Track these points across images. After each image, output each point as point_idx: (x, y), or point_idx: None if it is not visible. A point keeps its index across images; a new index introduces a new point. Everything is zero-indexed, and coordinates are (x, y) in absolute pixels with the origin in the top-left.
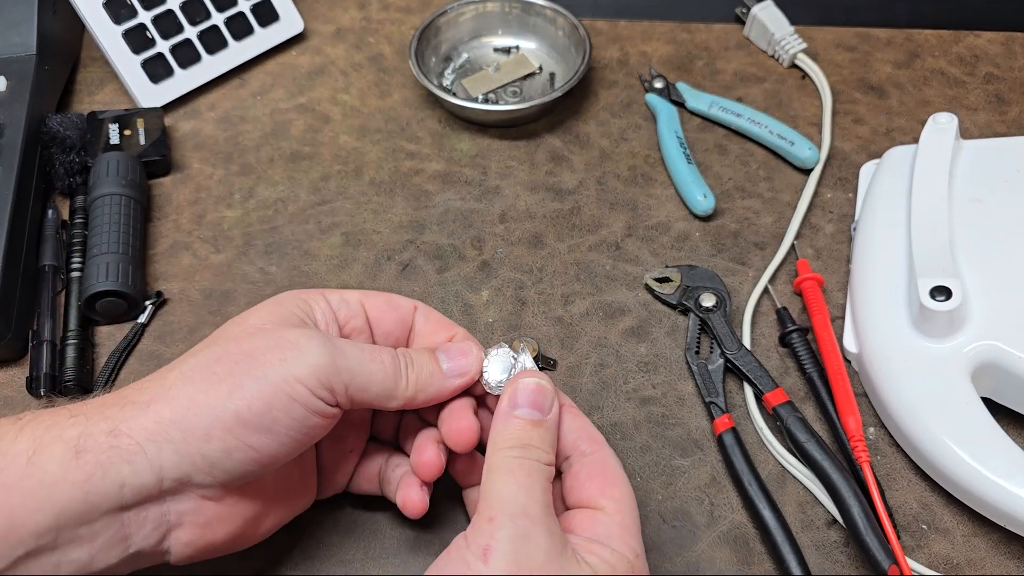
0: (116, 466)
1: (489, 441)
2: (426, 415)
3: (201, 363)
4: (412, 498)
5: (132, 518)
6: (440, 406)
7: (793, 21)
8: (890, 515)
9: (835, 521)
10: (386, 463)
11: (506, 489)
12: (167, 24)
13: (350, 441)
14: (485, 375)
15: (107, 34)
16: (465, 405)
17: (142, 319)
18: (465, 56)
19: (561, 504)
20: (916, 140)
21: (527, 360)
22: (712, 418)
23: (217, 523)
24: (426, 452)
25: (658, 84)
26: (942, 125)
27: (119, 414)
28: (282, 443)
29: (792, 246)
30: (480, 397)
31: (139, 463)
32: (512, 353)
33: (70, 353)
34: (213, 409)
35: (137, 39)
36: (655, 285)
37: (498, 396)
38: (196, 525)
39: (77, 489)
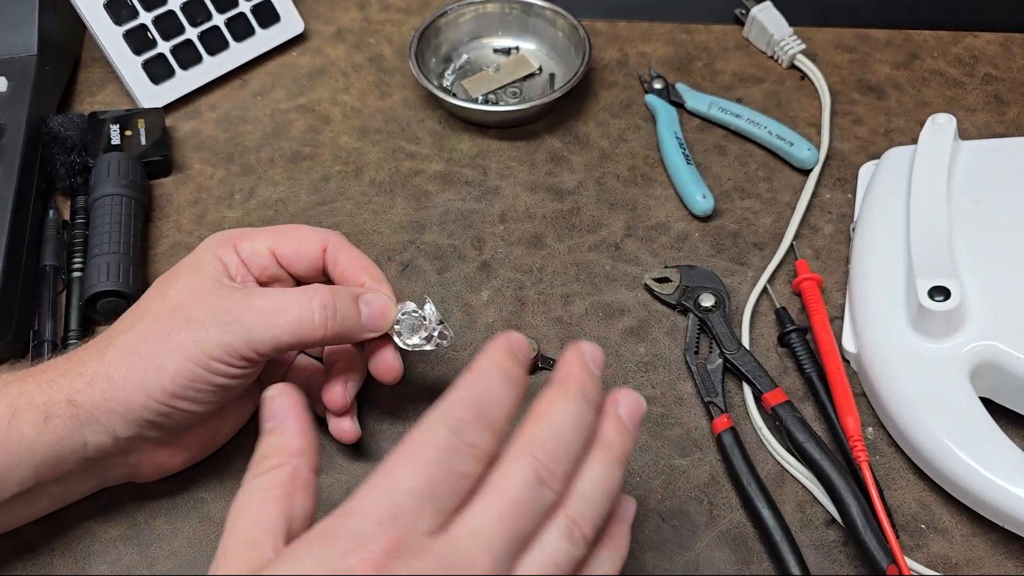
0: (79, 430)
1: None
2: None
3: (131, 342)
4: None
5: (100, 464)
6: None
7: (792, 22)
8: (889, 515)
9: (834, 521)
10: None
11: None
12: (168, 25)
13: None
14: (396, 335)
15: (108, 35)
16: (389, 345)
17: None
18: (465, 57)
19: None
20: (915, 141)
21: (432, 312)
22: (711, 418)
23: (173, 456)
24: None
25: (657, 85)
26: (941, 126)
27: (71, 385)
28: (212, 402)
29: (791, 246)
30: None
31: (95, 428)
32: (419, 312)
33: None
34: (144, 387)
35: (138, 40)
36: (655, 285)
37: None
38: (154, 464)
39: (50, 448)
